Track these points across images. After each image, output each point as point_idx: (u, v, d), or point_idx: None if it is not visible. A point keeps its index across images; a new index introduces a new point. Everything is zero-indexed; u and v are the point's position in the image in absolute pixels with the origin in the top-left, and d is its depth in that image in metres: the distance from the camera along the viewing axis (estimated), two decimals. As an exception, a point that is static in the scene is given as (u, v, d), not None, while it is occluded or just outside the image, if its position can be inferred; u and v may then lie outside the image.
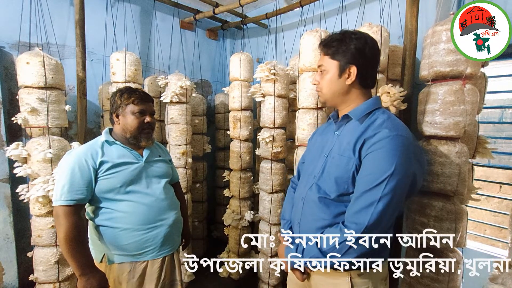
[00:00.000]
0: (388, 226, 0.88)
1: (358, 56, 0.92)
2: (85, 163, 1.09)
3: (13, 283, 1.92)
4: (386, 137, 0.84)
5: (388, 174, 0.81)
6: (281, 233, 1.14)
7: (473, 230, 3.12)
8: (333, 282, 0.95)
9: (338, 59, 0.94)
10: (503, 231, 3.11)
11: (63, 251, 1.05)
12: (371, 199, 0.82)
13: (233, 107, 2.18)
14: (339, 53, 0.93)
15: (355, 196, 0.87)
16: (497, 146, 1.61)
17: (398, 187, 0.82)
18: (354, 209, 0.86)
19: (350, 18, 1.93)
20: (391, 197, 0.81)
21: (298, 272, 1.01)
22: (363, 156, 0.87)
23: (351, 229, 0.84)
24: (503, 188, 3.40)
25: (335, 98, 0.99)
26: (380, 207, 0.81)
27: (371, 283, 0.93)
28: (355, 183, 0.89)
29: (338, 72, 0.94)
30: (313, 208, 0.97)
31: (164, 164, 1.32)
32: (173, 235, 1.27)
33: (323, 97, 1.01)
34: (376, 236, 0.85)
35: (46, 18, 1.86)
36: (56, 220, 1.06)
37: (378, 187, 0.82)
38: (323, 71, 0.98)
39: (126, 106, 1.19)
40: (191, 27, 2.92)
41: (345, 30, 0.97)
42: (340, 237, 0.85)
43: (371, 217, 0.81)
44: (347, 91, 0.96)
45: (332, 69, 0.95)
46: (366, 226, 0.82)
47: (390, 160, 0.82)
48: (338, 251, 0.86)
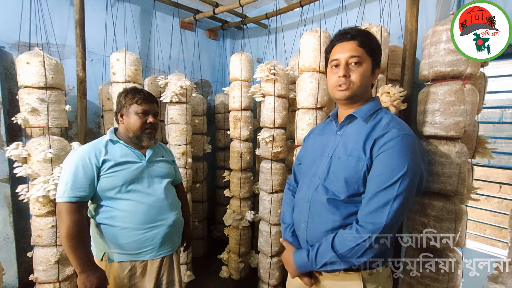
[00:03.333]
0: (399, 225, 0.88)
1: (380, 60, 0.98)
2: (89, 161, 1.11)
3: (13, 283, 1.92)
4: (396, 137, 0.84)
5: (402, 173, 0.81)
6: (284, 238, 1.11)
7: (473, 230, 3.12)
8: (345, 284, 0.94)
9: (372, 57, 0.94)
10: (503, 231, 3.11)
11: (65, 247, 1.07)
12: (387, 198, 0.82)
13: (233, 107, 2.18)
14: (375, 53, 0.95)
15: (368, 196, 0.86)
16: (497, 146, 1.61)
17: (411, 185, 0.83)
18: (369, 209, 0.85)
19: (350, 18, 1.93)
20: (405, 196, 0.82)
21: (307, 278, 0.98)
22: (375, 156, 0.87)
23: (368, 229, 0.83)
24: (503, 188, 3.40)
25: (362, 94, 0.95)
26: (396, 206, 0.81)
27: (380, 282, 0.93)
28: (365, 183, 0.88)
29: (371, 69, 0.95)
30: (322, 210, 0.95)
31: (166, 164, 1.32)
32: (173, 236, 1.28)
33: (352, 90, 0.93)
34: (390, 235, 0.85)
35: (46, 18, 1.86)
36: (59, 217, 1.08)
37: (393, 186, 0.82)
38: (356, 63, 0.92)
39: (130, 106, 1.20)
40: (191, 27, 2.92)
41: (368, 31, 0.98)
42: (358, 238, 0.84)
43: (388, 216, 0.81)
44: (368, 89, 0.98)
45: (367, 63, 0.93)
46: (385, 225, 0.81)
47: (403, 159, 0.82)
48: (355, 252, 0.85)
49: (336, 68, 0.95)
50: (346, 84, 0.92)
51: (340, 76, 0.92)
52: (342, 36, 0.95)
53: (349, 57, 0.92)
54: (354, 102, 0.97)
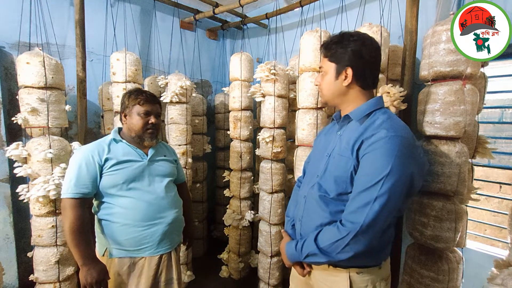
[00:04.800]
0: (384, 227, 0.88)
1: (354, 58, 0.93)
2: (92, 160, 1.16)
3: (13, 283, 1.92)
4: (383, 138, 0.84)
5: (384, 174, 0.81)
6: (285, 230, 1.18)
7: (473, 230, 3.12)
8: (333, 279, 0.97)
9: (335, 61, 0.97)
10: (503, 231, 3.11)
11: (68, 242, 1.12)
12: (367, 199, 0.83)
13: (233, 107, 2.18)
14: (337, 56, 0.96)
15: (352, 195, 0.88)
16: (497, 146, 1.61)
17: (395, 187, 0.82)
18: (351, 209, 0.87)
19: (350, 18, 1.93)
20: (388, 197, 0.82)
21: (299, 267, 1.04)
22: (361, 157, 0.88)
23: (347, 227, 0.85)
24: (503, 188, 3.40)
25: (335, 99, 1.01)
26: (376, 207, 0.82)
27: (370, 282, 0.94)
28: (353, 183, 0.90)
29: (335, 74, 0.97)
30: (314, 206, 0.99)
31: (168, 163, 1.35)
32: (172, 234, 1.29)
33: (324, 98, 1.05)
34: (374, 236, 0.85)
35: (46, 18, 1.87)
36: (63, 212, 1.14)
37: (374, 187, 0.82)
38: (323, 73, 1.01)
39: (132, 107, 1.24)
40: (191, 27, 2.92)
41: (344, 32, 0.98)
42: (336, 235, 0.87)
43: (367, 217, 0.82)
44: (345, 92, 0.98)
45: (330, 71, 0.98)
46: (362, 225, 0.82)
47: (386, 160, 0.82)
48: (334, 248, 0.88)
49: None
50: (320, 92, 1.06)
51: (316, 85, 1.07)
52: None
53: (319, 68, 1.08)
54: (338, 105, 1.03)
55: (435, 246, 1.27)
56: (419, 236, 1.31)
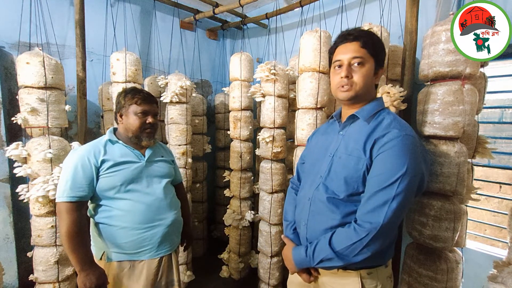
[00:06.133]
0: (398, 225, 0.88)
1: (383, 61, 0.97)
2: (88, 162, 1.11)
3: (13, 283, 1.92)
4: (396, 137, 0.84)
5: (401, 173, 0.81)
6: (285, 235, 1.12)
7: (473, 230, 3.12)
8: (343, 282, 0.94)
9: (375, 57, 0.94)
10: (503, 231, 3.11)
11: (65, 246, 1.08)
12: (385, 198, 0.82)
13: (233, 107, 2.18)
14: (378, 53, 0.95)
15: (367, 195, 0.86)
16: (497, 146, 1.61)
17: (410, 186, 0.83)
18: (367, 208, 0.85)
19: (350, 18, 1.93)
20: (404, 196, 0.82)
21: (305, 274, 0.99)
22: (374, 156, 0.87)
23: (365, 228, 0.83)
24: (503, 188, 3.40)
25: (365, 94, 0.95)
26: (394, 206, 0.81)
27: (379, 281, 0.93)
28: (365, 183, 0.89)
29: (374, 69, 0.95)
30: (322, 209, 0.96)
31: (166, 164, 1.32)
32: (172, 235, 1.28)
33: (354, 91, 0.93)
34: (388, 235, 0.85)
35: (46, 18, 1.86)
36: (59, 216, 1.10)
37: (392, 186, 0.82)
38: (359, 64, 0.92)
39: (129, 106, 1.20)
40: (191, 27, 2.92)
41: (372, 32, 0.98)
42: (353, 237, 0.84)
43: (386, 216, 0.81)
44: (372, 89, 0.98)
45: (371, 64, 0.94)
46: (382, 225, 0.81)
47: (402, 159, 0.82)
48: (351, 250, 0.85)
49: (339, 68, 0.95)
50: (348, 85, 0.93)
51: (342, 77, 0.93)
52: (345, 37, 0.96)
53: (351, 58, 0.92)
54: (357, 103, 0.97)
55: (433, 245, 1.27)
56: (418, 235, 1.31)
